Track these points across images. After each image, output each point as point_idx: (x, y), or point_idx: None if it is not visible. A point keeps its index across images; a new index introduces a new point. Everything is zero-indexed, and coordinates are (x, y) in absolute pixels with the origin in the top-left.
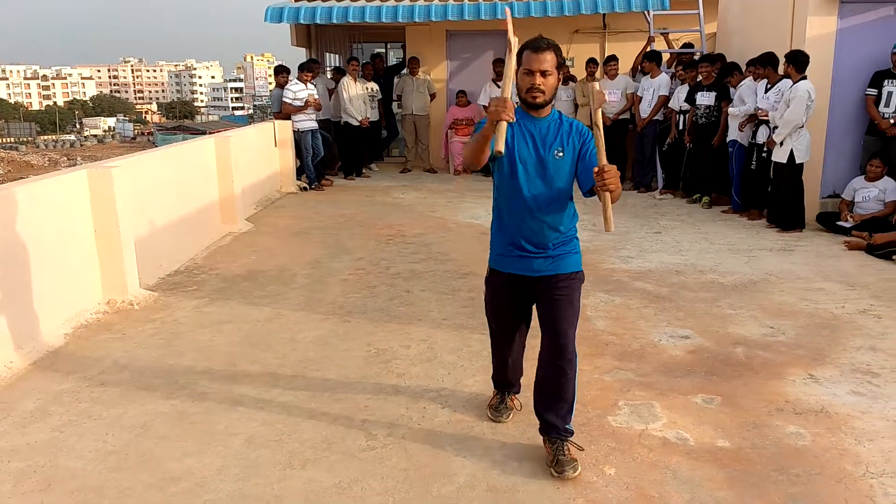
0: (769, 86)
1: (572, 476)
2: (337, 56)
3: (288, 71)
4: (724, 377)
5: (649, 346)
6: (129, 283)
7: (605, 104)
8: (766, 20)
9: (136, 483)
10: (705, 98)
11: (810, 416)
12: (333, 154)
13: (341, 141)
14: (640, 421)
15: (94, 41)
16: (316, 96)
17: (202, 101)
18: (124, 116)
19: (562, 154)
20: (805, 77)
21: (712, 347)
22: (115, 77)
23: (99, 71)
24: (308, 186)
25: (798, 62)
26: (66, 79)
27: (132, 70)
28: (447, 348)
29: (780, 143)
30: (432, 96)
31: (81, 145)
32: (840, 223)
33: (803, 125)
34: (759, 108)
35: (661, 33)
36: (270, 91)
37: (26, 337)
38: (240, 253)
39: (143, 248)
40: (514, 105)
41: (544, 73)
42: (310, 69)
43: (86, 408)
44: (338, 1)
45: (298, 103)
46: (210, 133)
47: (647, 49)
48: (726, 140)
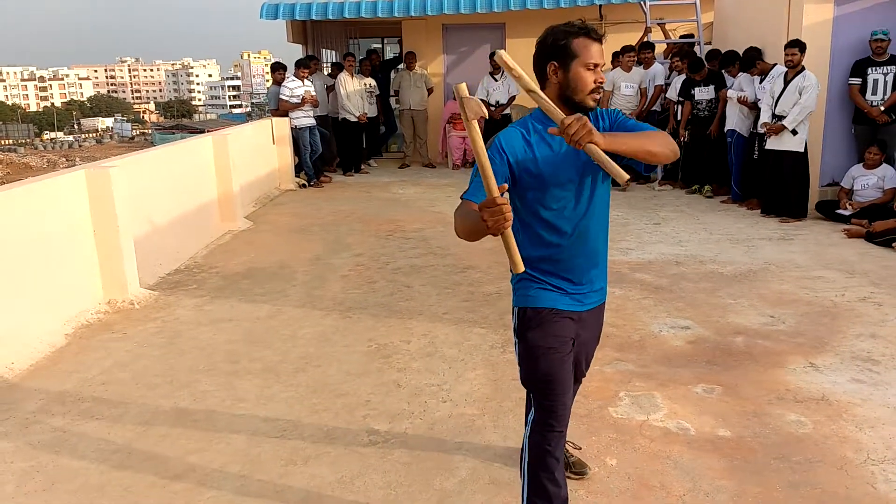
0: (762, 75)
1: (591, 471)
2: (333, 52)
3: (285, 68)
4: (724, 367)
5: (649, 337)
6: (129, 282)
7: (615, 105)
8: (763, 8)
9: (138, 482)
10: (704, 93)
11: (811, 404)
12: (332, 150)
13: (339, 137)
14: (641, 412)
15: (91, 41)
16: (313, 93)
17: (200, 100)
18: (122, 116)
19: None
20: (804, 66)
21: (712, 337)
22: (113, 77)
23: (96, 71)
24: (307, 183)
25: (804, 49)
26: (63, 80)
27: (129, 70)
28: (448, 342)
29: (794, 132)
30: (429, 91)
31: (80, 146)
32: (839, 211)
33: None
34: (741, 94)
35: (658, 23)
36: (268, 88)
37: (28, 337)
38: (239, 251)
39: (142, 247)
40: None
41: (600, 67)
42: (306, 66)
43: (88, 407)
44: None
45: (295, 100)
46: (208, 132)
47: (644, 40)
48: (724, 130)
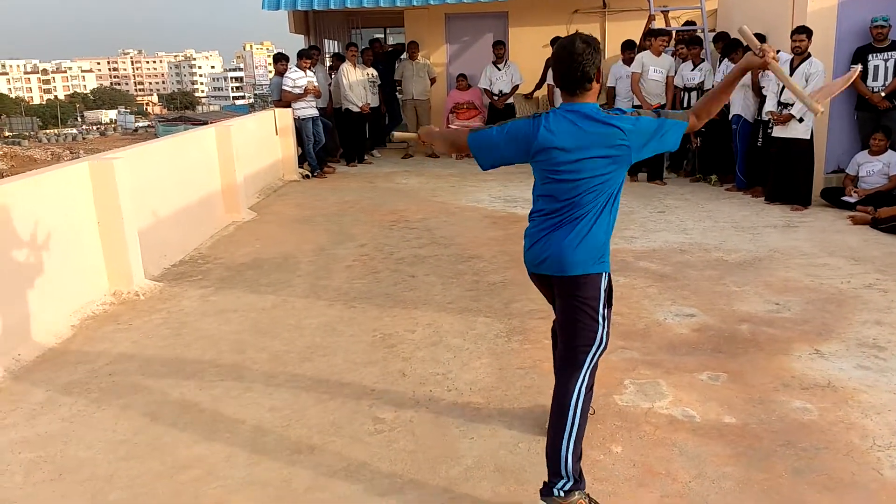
0: None
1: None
2: (336, 42)
3: (287, 59)
4: (729, 354)
5: (654, 325)
6: (134, 274)
7: (643, 88)
8: None
9: (145, 471)
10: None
11: (816, 391)
12: (335, 141)
13: (342, 128)
14: (646, 399)
15: (93, 34)
16: (315, 83)
17: (203, 92)
18: (125, 108)
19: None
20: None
21: (717, 325)
22: (115, 69)
23: (99, 63)
24: (310, 174)
25: (811, 35)
26: (66, 72)
27: (132, 62)
28: (452, 332)
29: (800, 120)
30: (432, 80)
31: (84, 138)
32: (845, 198)
33: None
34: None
35: (662, 11)
36: (270, 79)
37: (34, 329)
38: (244, 242)
39: (146, 238)
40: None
41: None
42: (309, 56)
43: (95, 398)
44: None
45: (298, 91)
46: (212, 123)
47: (648, 28)
48: (729, 117)
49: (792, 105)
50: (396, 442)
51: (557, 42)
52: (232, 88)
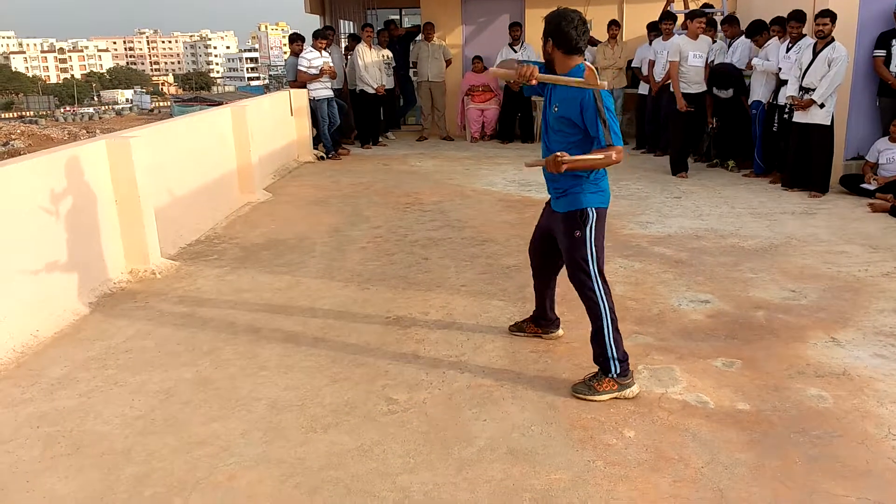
0: (790, 45)
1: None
2: (351, 23)
3: (303, 39)
4: (744, 341)
5: (669, 311)
6: (150, 252)
7: (684, 76)
8: None
9: (162, 447)
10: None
11: (832, 379)
12: (349, 123)
13: (357, 109)
14: (659, 385)
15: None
16: (331, 64)
17: (218, 72)
18: (141, 88)
19: (557, 109)
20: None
21: (732, 311)
22: (131, 49)
23: (115, 43)
24: (325, 155)
25: (835, 19)
26: (82, 51)
27: (147, 42)
28: (466, 314)
29: (821, 105)
30: (448, 62)
31: (100, 118)
32: (864, 185)
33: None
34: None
35: None
36: (285, 60)
37: (52, 306)
38: (259, 222)
39: (163, 218)
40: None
41: None
42: (324, 36)
43: (112, 374)
44: None
45: (314, 71)
46: (227, 104)
47: (667, 9)
48: (749, 102)
49: (813, 90)
50: (410, 422)
51: (556, 13)
52: (247, 69)
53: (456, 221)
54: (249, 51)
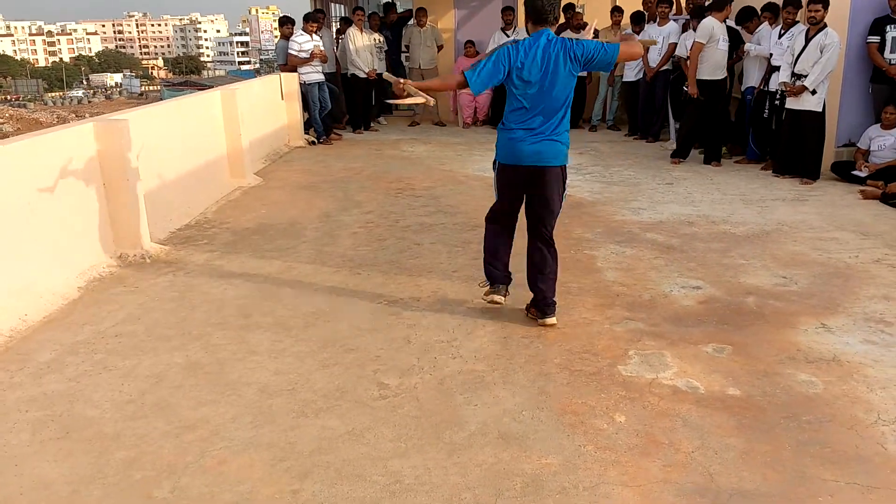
0: (783, 31)
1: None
2: (342, 6)
3: (293, 22)
4: (735, 326)
5: (660, 297)
6: (140, 236)
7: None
8: None
9: (152, 431)
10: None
11: (822, 365)
12: (341, 107)
13: (349, 93)
14: (650, 370)
15: None
16: (322, 48)
17: (208, 56)
18: (131, 72)
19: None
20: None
21: (723, 297)
22: (120, 32)
23: (104, 26)
24: (316, 140)
25: (828, 5)
26: (71, 34)
27: (137, 25)
28: (457, 300)
29: (813, 92)
30: (439, 48)
31: (89, 101)
32: (855, 172)
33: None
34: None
35: None
36: (276, 44)
37: (40, 290)
38: (249, 207)
39: (152, 201)
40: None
41: None
42: (315, 20)
43: (101, 358)
44: None
45: (304, 55)
46: (217, 88)
47: None
48: (742, 89)
49: (805, 77)
50: (401, 407)
51: None
52: (238, 53)
53: (448, 207)
54: (240, 34)
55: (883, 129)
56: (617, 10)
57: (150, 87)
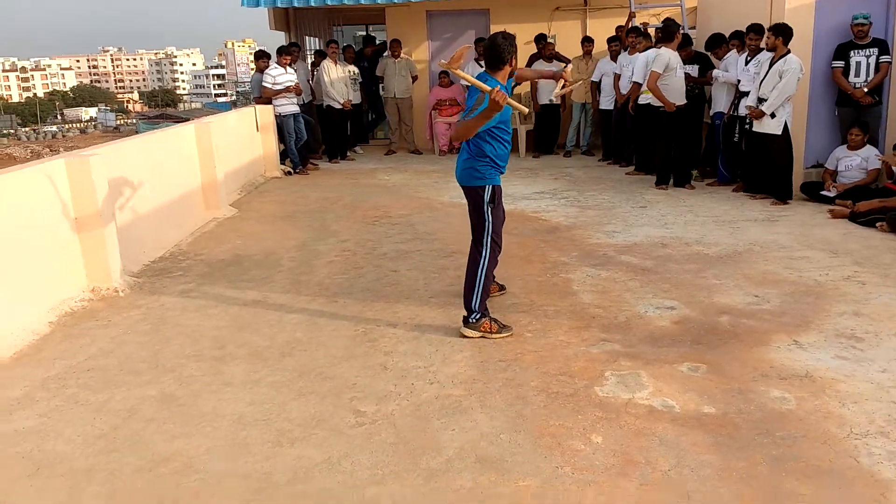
0: (749, 57)
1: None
2: (317, 39)
3: (268, 56)
4: (709, 346)
5: (635, 318)
6: (112, 270)
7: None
8: None
9: (124, 465)
10: (689, 69)
11: (795, 381)
12: (317, 138)
13: (324, 124)
14: (626, 390)
15: (73, 31)
16: (295, 80)
17: (184, 89)
18: (106, 106)
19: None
20: (789, 50)
21: (698, 317)
22: (95, 67)
23: (78, 61)
24: (292, 170)
25: (786, 34)
26: (45, 70)
27: (112, 60)
28: (435, 326)
29: (772, 115)
30: (414, 78)
31: (64, 136)
32: (824, 192)
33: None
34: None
35: (642, 9)
36: (251, 77)
37: (11, 325)
38: (224, 238)
39: (125, 235)
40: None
41: None
42: (289, 53)
43: (72, 393)
44: None
45: (278, 87)
46: (193, 121)
47: (629, 25)
48: (710, 114)
49: (766, 101)
50: (378, 434)
51: (490, 37)
52: (214, 86)
53: (425, 234)
54: (216, 67)
55: (849, 150)
56: (587, 41)
57: (126, 121)
